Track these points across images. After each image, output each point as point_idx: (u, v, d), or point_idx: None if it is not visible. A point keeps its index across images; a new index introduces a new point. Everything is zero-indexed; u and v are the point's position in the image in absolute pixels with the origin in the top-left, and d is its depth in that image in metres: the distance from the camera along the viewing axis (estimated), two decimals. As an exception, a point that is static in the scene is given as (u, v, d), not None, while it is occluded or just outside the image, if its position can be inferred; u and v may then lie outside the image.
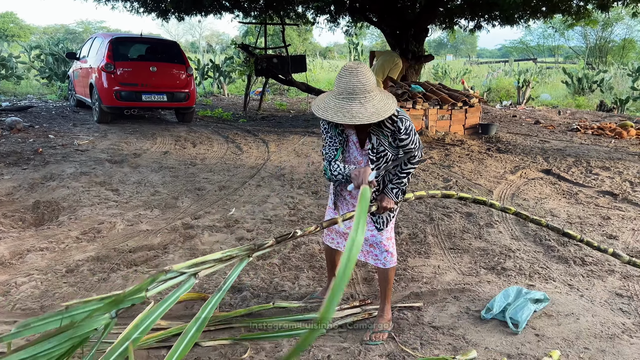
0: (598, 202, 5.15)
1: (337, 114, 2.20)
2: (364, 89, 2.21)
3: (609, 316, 2.85)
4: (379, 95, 2.28)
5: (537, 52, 41.88)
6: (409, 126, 2.38)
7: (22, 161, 5.93)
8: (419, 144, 2.46)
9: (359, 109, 2.19)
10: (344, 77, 2.23)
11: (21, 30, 46.21)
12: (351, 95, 2.21)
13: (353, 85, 2.20)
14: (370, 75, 2.26)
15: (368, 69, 2.27)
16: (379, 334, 2.57)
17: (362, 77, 2.21)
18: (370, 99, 2.22)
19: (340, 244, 2.78)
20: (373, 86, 2.25)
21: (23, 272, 3.25)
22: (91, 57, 9.40)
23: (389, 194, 2.48)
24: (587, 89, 16.17)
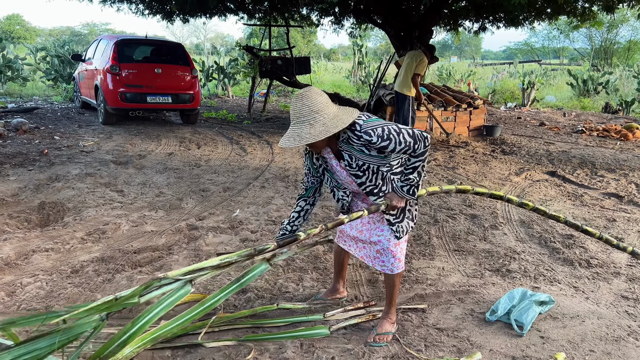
0: (603, 204, 5.13)
1: (290, 139, 2.29)
2: (309, 110, 2.28)
3: (615, 319, 2.83)
4: (332, 113, 2.31)
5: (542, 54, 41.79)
6: (382, 132, 2.28)
7: (28, 162, 5.96)
8: (413, 137, 2.30)
9: (309, 130, 2.27)
10: (293, 105, 2.33)
11: (27, 32, 46.50)
12: (300, 119, 2.29)
13: (299, 110, 2.29)
14: (318, 97, 2.31)
15: (316, 92, 2.33)
16: (382, 335, 2.56)
17: (307, 100, 2.29)
18: (319, 118, 2.28)
19: (352, 247, 2.78)
20: (322, 106, 2.29)
21: (28, 272, 3.27)
22: (96, 58, 9.45)
23: (398, 191, 2.41)
24: (592, 90, 16.11)
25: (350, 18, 12.35)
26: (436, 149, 7.82)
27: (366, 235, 2.63)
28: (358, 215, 2.35)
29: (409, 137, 2.29)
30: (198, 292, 3.08)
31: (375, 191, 2.47)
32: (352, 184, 2.53)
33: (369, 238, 2.62)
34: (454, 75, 20.58)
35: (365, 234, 2.63)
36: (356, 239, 2.71)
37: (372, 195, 2.49)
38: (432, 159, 7.04)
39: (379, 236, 2.57)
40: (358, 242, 2.72)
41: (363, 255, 2.71)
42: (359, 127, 2.32)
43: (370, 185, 2.46)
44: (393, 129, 2.30)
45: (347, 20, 12.54)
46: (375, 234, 2.59)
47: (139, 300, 2.09)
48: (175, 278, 2.16)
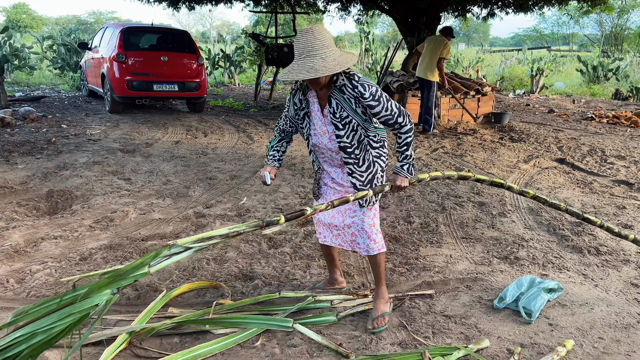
0: (613, 191, 5.08)
1: (302, 72, 2.24)
2: (322, 44, 2.25)
3: (624, 306, 2.81)
4: (339, 51, 2.33)
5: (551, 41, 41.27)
6: (376, 92, 2.33)
7: (36, 150, 5.99)
8: (399, 109, 2.38)
9: (322, 63, 2.24)
10: (302, 38, 2.27)
11: (33, 21, 46.51)
12: (311, 52, 2.25)
13: (311, 44, 2.24)
14: (326, 33, 2.29)
15: (322, 28, 2.31)
16: (379, 319, 2.55)
17: (318, 34, 2.26)
18: (330, 53, 2.26)
19: (327, 238, 2.77)
20: (331, 42, 2.29)
21: (37, 259, 3.29)
22: (103, 47, 9.44)
23: (401, 172, 2.44)
24: (602, 77, 15.91)
25: (357, 4, 12.23)
26: (444, 136, 7.77)
27: (339, 220, 2.63)
28: (363, 194, 2.34)
29: (396, 109, 2.36)
30: (206, 279, 3.10)
31: (349, 150, 2.45)
32: (325, 135, 2.49)
33: (342, 222, 2.62)
34: (462, 62, 20.39)
35: (338, 217, 2.64)
36: (330, 226, 2.70)
37: (344, 154, 2.46)
38: (439, 146, 7.00)
39: (352, 217, 2.57)
40: (333, 230, 2.71)
41: (340, 242, 2.71)
42: (358, 77, 2.35)
43: (346, 142, 2.43)
44: (385, 95, 2.37)
45: (354, 6, 12.42)
46: (348, 216, 2.59)
47: (149, 271, 2.06)
48: (185, 246, 2.12)
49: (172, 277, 3.12)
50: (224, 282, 3.05)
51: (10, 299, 2.82)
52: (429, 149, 6.84)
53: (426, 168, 5.84)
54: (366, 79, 2.38)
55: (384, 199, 4.68)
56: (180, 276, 3.14)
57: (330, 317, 2.66)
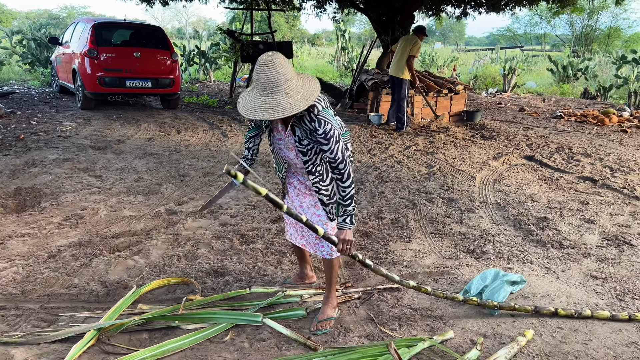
0: (578, 187, 5.24)
1: (268, 110, 2.14)
2: (285, 78, 2.14)
3: (583, 297, 2.92)
4: (300, 80, 2.23)
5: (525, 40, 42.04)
6: (329, 131, 2.24)
7: (3, 147, 5.87)
8: (343, 157, 2.28)
9: (287, 100, 2.13)
10: (263, 72, 2.14)
11: (3, 15, 45.21)
12: (275, 88, 2.13)
13: (274, 78, 2.12)
14: (287, 64, 2.17)
15: (283, 58, 2.18)
16: (324, 322, 2.55)
17: (280, 67, 2.13)
18: (294, 86, 2.16)
19: (293, 237, 2.79)
20: (292, 73, 2.18)
21: (4, 258, 3.24)
22: (74, 42, 9.27)
23: (343, 226, 2.39)
24: (572, 76, 16.30)
25: (333, 2, 12.28)
26: (417, 134, 7.87)
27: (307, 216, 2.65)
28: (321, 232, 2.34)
29: (340, 155, 2.28)
30: (177, 276, 3.10)
31: (313, 170, 2.43)
32: (291, 151, 2.47)
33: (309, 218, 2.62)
34: (437, 61, 20.63)
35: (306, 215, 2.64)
36: (297, 225, 2.71)
37: (309, 174, 2.46)
38: (412, 144, 7.10)
39: (317, 221, 2.56)
40: (298, 229, 2.72)
41: (304, 243, 2.72)
42: (317, 110, 2.27)
43: (310, 162, 2.42)
44: (336, 135, 2.26)
45: (329, 4, 12.47)
46: (312, 217, 2.58)
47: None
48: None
49: (143, 274, 3.12)
50: (195, 279, 3.06)
51: (-25, 297, 2.77)
52: (401, 147, 6.93)
53: (398, 165, 5.92)
54: (325, 114, 2.28)
55: (355, 195, 4.74)
56: (151, 273, 3.14)
57: (299, 311, 2.70)
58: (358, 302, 2.84)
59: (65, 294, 2.85)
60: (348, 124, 8.33)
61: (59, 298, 2.81)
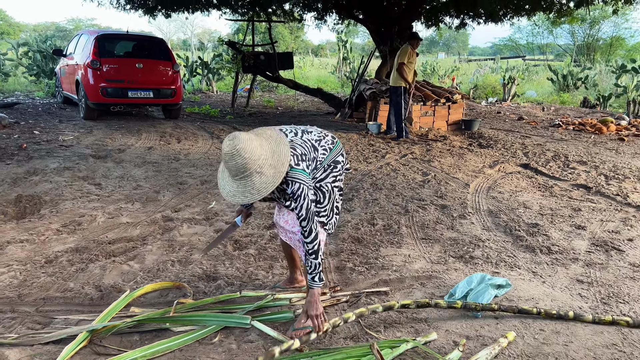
0: (572, 194, 5.29)
1: (245, 194, 2.22)
2: (251, 161, 2.18)
3: (568, 300, 2.97)
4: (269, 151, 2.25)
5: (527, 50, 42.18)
6: (297, 190, 2.30)
7: (6, 156, 5.98)
8: (306, 216, 2.31)
9: (261, 179, 2.20)
10: (231, 162, 2.19)
11: (10, 27, 45.83)
12: (245, 172, 2.20)
13: (244, 165, 2.18)
14: (249, 144, 2.18)
15: (245, 140, 2.19)
16: (299, 331, 2.57)
17: (244, 153, 2.16)
18: (263, 162, 2.21)
19: (283, 236, 2.84)
20: (259, 151, 2.20)
21: (2, 263, 3.32)
22: (77, 53, 9.44)
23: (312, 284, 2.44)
24: (572, 85, 16.37)
25: (333, 14, 12.43)
26: (414, 142, 7.95)
27: (290, 225, 2.71)
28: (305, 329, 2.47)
29: (304, 213, 2.32)
30: (170, 280, 3.17)
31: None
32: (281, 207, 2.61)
33: (291, 228, 2.69)
34: (438, 71, 20.75)
35: (290, 223, 2.71)
36: (284, 229, 2.77)
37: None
38: (409, 152, 7.17)
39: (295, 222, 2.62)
40: (286, 232, 2.78)
41: (294, 243, 2.77)
42: (287, 173, 2.32)
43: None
44: (304, 195, 2.30)
45: (329, 15, 12.62)
46: (297, 224, 2.63)
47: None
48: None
49: (137, 278, 3.19)
50: (187, 283, 3.13)
51: (-27, 300, 2.85)
52: (398, 155, 7.00)
53: (394, 173, 5.99)
54: (293, 174, 2.32)
55: (349, 202, 4.81)
56: (145, 277, 3.21)
57: (287, 314, 2.76)
58: (346, 305, 2.89)
59: (61, 297, 2.93)
60: (347, 133, 8.42)
61: (54, 301, 2.88)
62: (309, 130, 2.65)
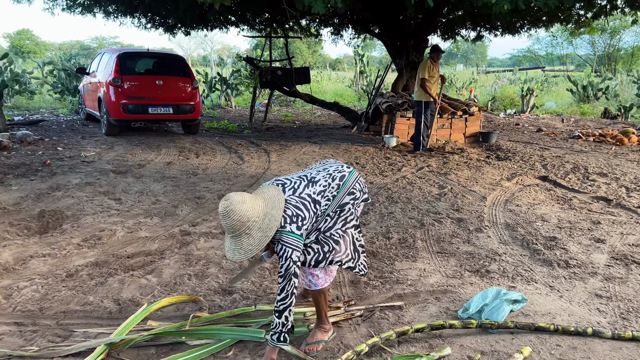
0: (591, 207, 5.21)
1: (235, 253, 2.37)
2: (240, 223, 2.31)
3: (585, 315, 2.92)
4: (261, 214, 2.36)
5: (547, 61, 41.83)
6: (280, 251, 2.40)
7: (30, 172, 6.15)
8: (285, 274, 2.39)
9: (249, 241, 2.34)
10: (223, 221, 2.35)
11: (37, 46, 47.23)
12: (236, 233, 2.34)
13: (232, 226, 2.32)
14: (240, 206, 2.31)
15: (237, 201, 2.32)
16: (313, 345, 2.59)
17: (233, 215, 2.30)
18: (252, 224, 2.33)
19: None
20: (249, 213, 2.32)
21: (25, 276, 3.42)
22: (100, 71, 9.68)
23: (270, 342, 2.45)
24: (593, 96, 16.16)
25: (349, 29, 12.54)
26: (431, 155, 7.93)
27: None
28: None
29: (284, 271, 2.39)
30: (186, 294, 3.22)
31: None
32: None
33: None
34: (456, 83, 20.70)
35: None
36: None
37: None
38: (425, 165, 7.16)
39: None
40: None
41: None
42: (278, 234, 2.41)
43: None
44: (286, 256, 2.38)
45: (345, 30, 12.73)
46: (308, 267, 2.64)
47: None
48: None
49: (154, 292, 3.24)
50: (203, 297, 3.17)
51: (-3, 313, 2.94)
52: (414, 168, 7.00)
53: (410, 186, 5.99)
54: (283, 236, 2.40)
55: (365, 215, 4.82)
56: (162, 291, 3.26)
57: (302, 328, 2.78)
58: (360, 320, 2.90)
59: (80, 311, 2.99)
60: (363, 146, 8.44)
61: (74, 315, 2.95)
62: (315, 178, 2.62)
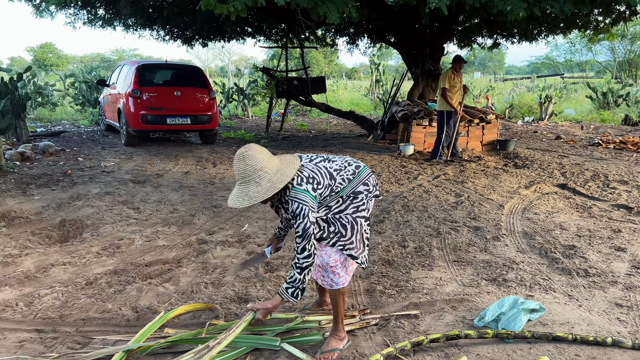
0: (611, 215, 5.13)
1: (239, 199, 2.37)
2: (253, 169, 2.34)
3: (605, 325, 2.87)
4: (275, 168, 2.39)
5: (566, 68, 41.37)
6: (296, 209, 2.38)
7: (52, 182, 6.28)
8: (303, 233, 2.37)
9: (256, 189, 2.35)
10: (236, 165, 2.39)
11: (59, 59, 48.37)
12: (245, 179, 2.36)
13: (243, 170, 2.36)
14: (258, 155, 2.37)
15: (257, 150, 2.39)
16: (328, 354, 2.58)
17: (249, 160, 2.35)
18: (264, 175, 2.35)
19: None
20: (264, 163, 2.36)
21: (46, 284, 3.48)
22: (119, 83, 9.87)
23: (282, 293, 2.50)
24: (613, 103, 15.92)
25: (364, 38, 12.59)
26: (447, 163, 7.89)
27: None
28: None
29: (301, 231, 2.38)
30: (203, 302, 3.24)
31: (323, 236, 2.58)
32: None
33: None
34: (473, 91, 20.57)
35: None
36: None
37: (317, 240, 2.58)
38: (442, 173, 7.12)
39: (319, 251, 2.62)
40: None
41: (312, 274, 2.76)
42: (288, 191, 2.42)
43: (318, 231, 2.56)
44: (303, 214, 2.37)
45: (361, 40, 12.78)
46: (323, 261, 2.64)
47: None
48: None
49: (171, 300, 3.28)
50: (219, 305, 3.19)
51: (18, 321, 3.00)
52: (431, 176, 6.97)
53: (426, 194, 5.96)
54: (298, 194, 2.40)
55: (380, 224, 4.82)
56: (179, 299, 3.30)
57: (316, 336, 2.78)
58: (375, 328, 2.89)
59: (99, 318, 3.04)
60: (379, 155, 8.44)
61: (93, 322, 3.00)
62: (332, 159, 2.69)
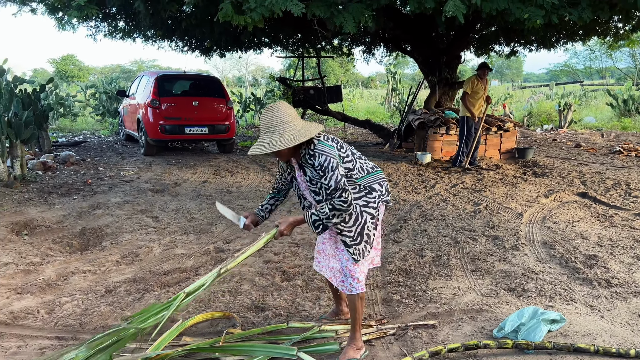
0: (634, 224, 5.03)
1: (260, 147, 2.43)
2: (280, 121, 2.40)
3: (628, 336, 2.81)
4: (300, 125, 2.44)
5: (585, 75, 40.83)
6: (324, 162, 2.39)
7: (73, 192, 6.39)
8: (337, 184, 2.39)
9: (278, 139, 2.39)
10: (264, 116, 2.46)
11: (80, 71, 49.33)
12: (270, 129, 2.42)
13: (270, 120, 2.42)
14: (287, 110, 2.44)
15: (286, 106, 2.46)
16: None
17: (276, 112, 2.42)
18: (288, 128, 2.40)
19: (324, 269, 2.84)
20: (291, 118, 2.43)
21: (67, 292, 3.54)
22: (139, 93, 10.03)
23: (306, 216, 2.50)
24: (634, 110, 15.66)
25: (380, 47, 12.61)
26: (465, 172, 7.83)
27: (328, 250, 2.75)
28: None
29: (334, 182, 2.39)
30: (220, 310, 3.26)
31: None
32: (311, 196, 2.64)
33: (332, 249, 2.71)
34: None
35: (328, 249, 2.75)
36: (322, 253, 2.83)
37: None
38: (459, 182, 7.07)
39: (338, 255, 2.64)
40: (324, 257, 2.81)
41: (331, 275, 2.77)
42: (314, 146, 2.44)
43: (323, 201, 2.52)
44: (331, 166, 2.39)
45: (377, 49, 12.81)
46: (334, 250, 2.68)
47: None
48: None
49: (189, 308, 3.30)
50: (236, 313, 3.21)
51: (39, 328, 3.04)
52: (448, 185, 6.92)
53: (444, 203, 5.92)
54: (321, 148, 2.43)
55: (398, 233, 4.79)
56: (196, 307, 3.32)
57: (333, 346, 2.77)
58: (392, 338, 2.87)
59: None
60: (396, 163, 8.41)
61: (112, 329, 3.02)
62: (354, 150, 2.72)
